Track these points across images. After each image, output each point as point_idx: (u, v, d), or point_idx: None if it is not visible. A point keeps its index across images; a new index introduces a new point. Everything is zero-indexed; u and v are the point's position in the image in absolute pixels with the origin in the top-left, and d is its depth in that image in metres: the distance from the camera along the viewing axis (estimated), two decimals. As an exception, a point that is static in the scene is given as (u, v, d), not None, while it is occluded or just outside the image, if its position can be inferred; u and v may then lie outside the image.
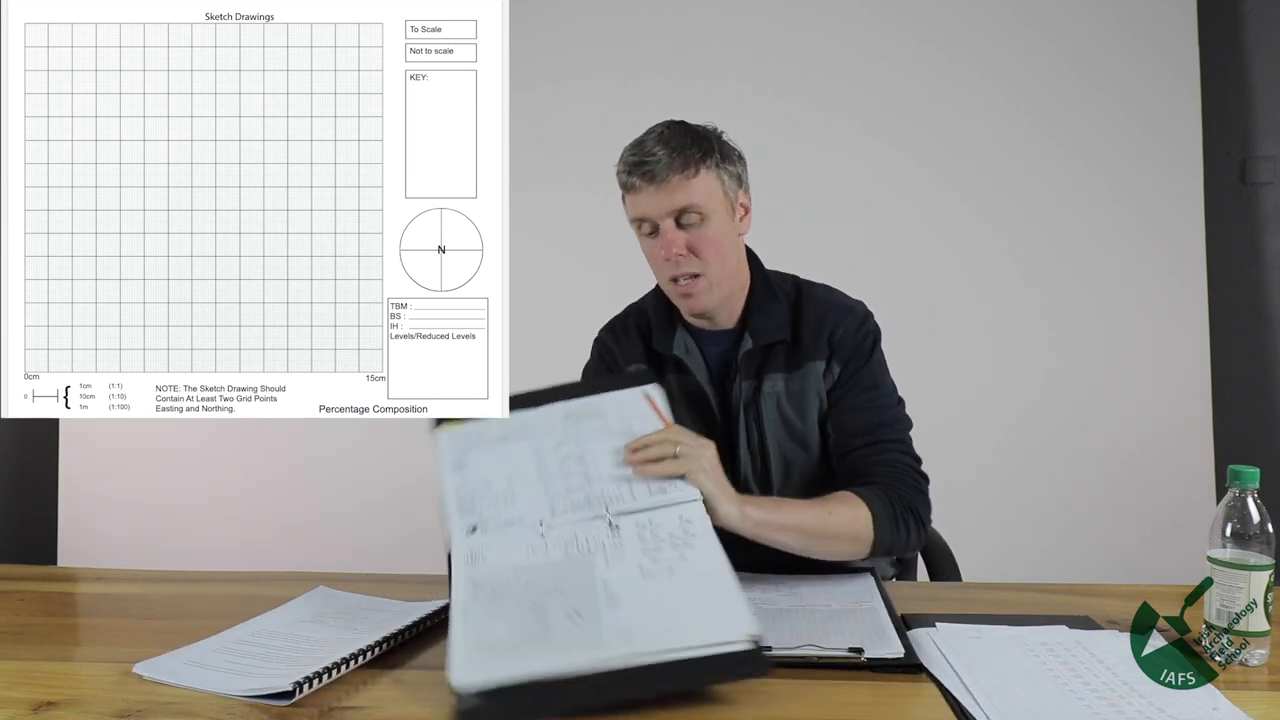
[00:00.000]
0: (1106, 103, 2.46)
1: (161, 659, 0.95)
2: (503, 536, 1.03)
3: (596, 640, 0.88)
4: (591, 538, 1.02)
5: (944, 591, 1.25)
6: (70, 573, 1.49)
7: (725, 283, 1.31)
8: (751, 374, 1.32)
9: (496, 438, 1.14)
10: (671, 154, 1.24)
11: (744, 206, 1.32)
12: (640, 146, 1.27)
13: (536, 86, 2.52)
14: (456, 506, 1.07)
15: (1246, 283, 2.52)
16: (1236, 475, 0.96)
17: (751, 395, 1.31)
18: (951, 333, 2.46)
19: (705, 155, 1.26)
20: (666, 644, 0.86)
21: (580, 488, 1.08)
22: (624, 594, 0.94)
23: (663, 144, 1.25)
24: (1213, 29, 2.49)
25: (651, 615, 0.91)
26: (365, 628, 1.03)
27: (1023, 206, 2.48)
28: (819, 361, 1.31)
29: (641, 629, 0.89)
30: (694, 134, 1.28)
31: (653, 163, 1.24)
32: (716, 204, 1.27)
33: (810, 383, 1.31)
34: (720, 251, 1.28)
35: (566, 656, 0.86)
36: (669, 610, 0.92)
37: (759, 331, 1.31)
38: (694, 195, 1.25)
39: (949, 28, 2.49)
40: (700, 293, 1.29)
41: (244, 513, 2.56)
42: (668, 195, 1.24)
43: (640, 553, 0.99)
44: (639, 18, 2.54)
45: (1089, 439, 2.43)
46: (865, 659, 0.93)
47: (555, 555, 1.00)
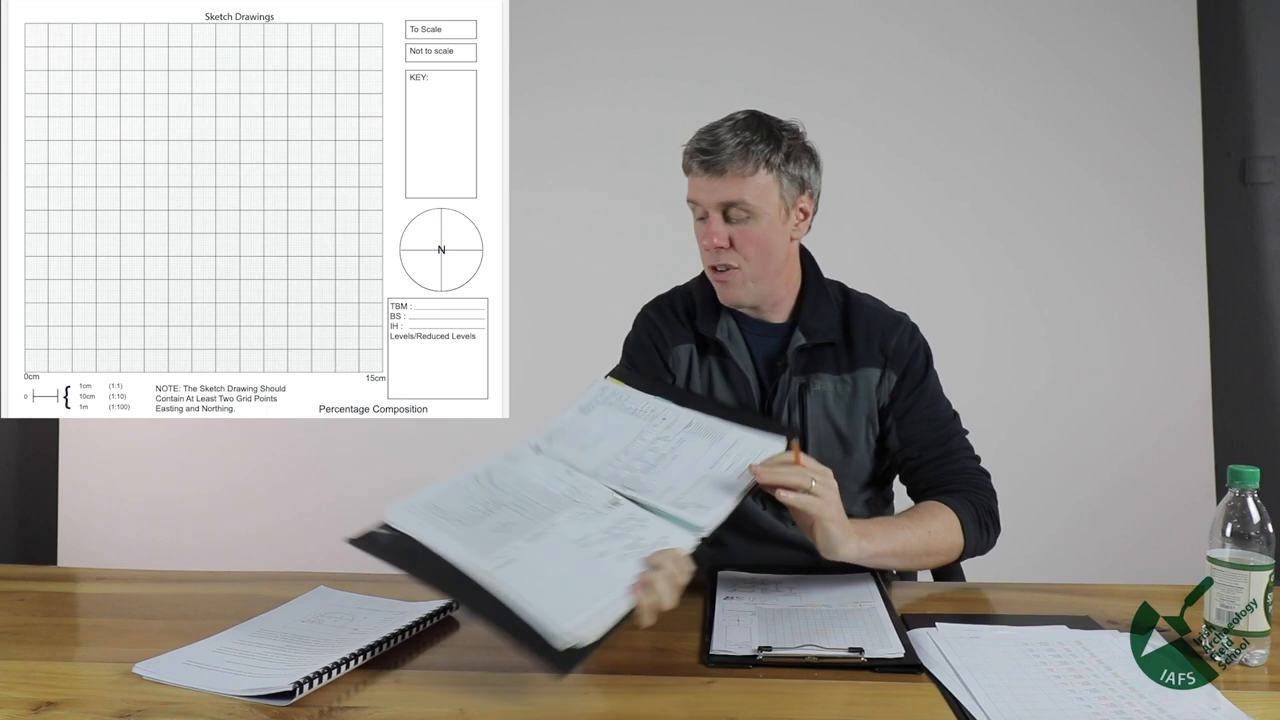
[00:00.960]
0: (1106, 103, 2.46)
1: (161, 659, 0.95)
2: (544, 462, 1.12)
3: (488, 553, 0.96)
4: (590, 496, 1.06)
5: (944, 591, 1.25)
6: (70, 573, 1.49)
7: (766, 280, 1.32)
8: (800, 370, 1.33)
9: (630, 409, 1.21)
10: (735, 147, 1.25)
11: (803, 211, 1.33)
12: (711, 131, 1.28)
13: (536, 87, 2.53)
14: (547, 431, 1.17)
15: (1246, 283, 2.52)
16: (1236, 475, 0.96)
17: (799, 391, 1.33)
18: (951, 333, 2.45)
19: (769, 155, 1.26)
20: (519, 594, 0.92)
21: (634, 469, 1.11)
22: (548, 543, 0.99)
23: (733, 134, 1.26)
24: (1213, 29, 2.49)
25: (542, 569, 0.96)
26: (365, 628, 1.03)
27: (1023, 207, 2.48)
28: (873, 369, 1.33)
29: (522, 570, 0.95)
30: (767, 130, 1.28)
31: (714, 152, 1.25)
32: (769, 204, 1.27)
33: (862, 388, 1.33)
34: (763, 250, 1.29)
35: (458, 545, 0.97)
36: (555, 576, 0.95)
37: (811, 330, 1.33)
38: (746, 192, 1.26)
39: (949, 29, 2.49)
40: (735, 285, 1.31)
41: (244, 513, 2.56)
42: (720, 187, 1.26)
43: (601, 530, 1.01)
44: (639, 19, 2.54)
45: (1089, 439, 2.44)
46: (865, 659, 0.93)
47: (554, 490, 1.06)
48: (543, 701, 0.89)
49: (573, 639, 0.88)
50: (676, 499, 1.06)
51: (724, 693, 0.89)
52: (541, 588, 0.94)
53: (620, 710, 0.87)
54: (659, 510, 1.05)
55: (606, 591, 0.93)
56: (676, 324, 1.41)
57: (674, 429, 1.17)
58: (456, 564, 0.97)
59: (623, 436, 1.16)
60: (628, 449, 1.15)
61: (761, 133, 1.28)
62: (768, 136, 1.28)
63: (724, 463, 1.10)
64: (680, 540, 1.00)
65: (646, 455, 1.13)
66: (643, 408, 1.21)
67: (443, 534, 1.00)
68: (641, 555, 0.97)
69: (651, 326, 1.42)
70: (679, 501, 1.05)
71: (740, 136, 1.26)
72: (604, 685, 0.91)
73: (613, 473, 1.11)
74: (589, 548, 0.99)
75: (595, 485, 1.09)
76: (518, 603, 0.92)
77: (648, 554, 0.96)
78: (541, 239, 2.48)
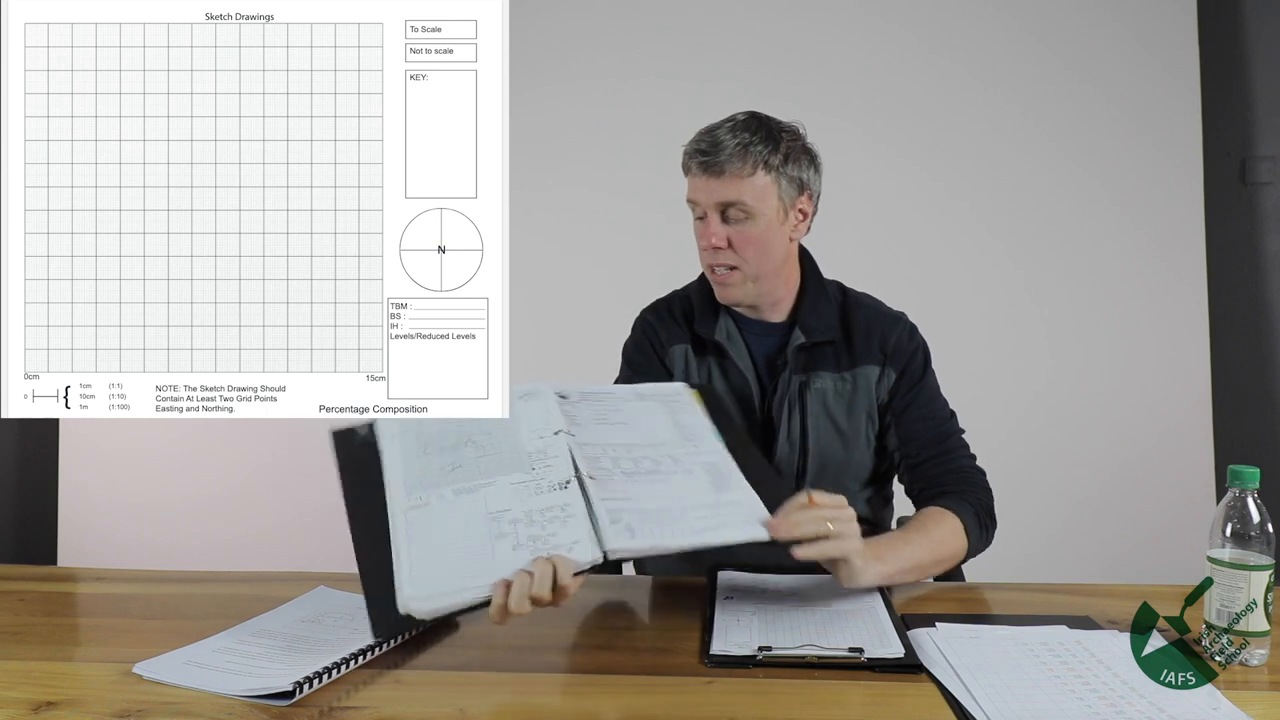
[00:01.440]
0: (1106, 103, 2.46)
1: (161, 659, 0.95)
2: (549, 410, 1.14)
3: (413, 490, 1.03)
4: (549, 468, 1.06)
5: (944, 591, 1.25)
6: (70, 573, 1.49)
7: (764, 280, 1.33)
8: (800, 368, 1.33)
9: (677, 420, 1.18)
10: (734, 148, 1.26)
11: (802, 212, 1.34)
12: (711, 133, 1.29)
13: (536, 87, 2.53)
14: (588, 388, 1.20)
15: (1246, 283, 2.52)
16: (1236, 475, 0.96)
17: (799, 390, 1.33)
18: (951, 333, 2.45)
19: (768, 156, 1.27)
20: (402, 541, 0.97)
21: (620, 465, 1.09)
22: (467, 502, 1.01)
23: (732, 135, 1.27)
24: (1213, 29, 2.49)
25: (442, 527, 0.99)
26: (365, 628, 1.03)
27: (1023, 207, 2.48)
28: (873, 367, 1.34)
29: (424, 519, 1.00)
30: (766, 131, 1.29)
31: (713, 153, 1.26)
32: (767, 205, 1.28)
33: (862, 386, 1.34)
34: (761, 250, 1.30)
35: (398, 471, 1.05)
36: (445, 541, 0.98)
37: (810, 329, 1.34)
38: (744, 193, 1.26)
39: (949, 29, 2.49)
40: (733, 284, 1.32)
41: (244, 513, 2.56)
42: (719, 187, 1.27)
43: (524, 510, 1.01)
44: (639, 19, 2.54)
45: (1089, 439, 2.44)
46: (865, 659, 0.93)
47: (525, 445, 1.08)
48: (543, 701, 0.89)
49: (409, 608, 0.91)
50: (617, 511, 1.01)
51: (724, 693, 0.89)
52: (424, 545, 0.97)
53: (620, 710, 0.87)
54: (593, 513, 1.00)
55: (475, 576, 0.94)
56: (673, 325, 1.41)
57: (693, 457, 1.12)
58: (386, 490, 1.03)
59: (642, 435, 1.14)
60: (634, 447, 1.12)
61: (761, 134, 1.28)
62: (767, 138, 1.28)
63: (701, 512, 1.03)
64: (583, 552, 0.96)
65: (644, 462, 1.10)
66: (690, 426, 1.17)
67: (397, 455, 1.06)
68: (538, 552, 0.95)
69: (649, 328, 1.43)
70: (617, 514, 1.00)
71: (739, 138, 1.26)
72: (604, 685, 0.91)
73: (598, 455, 1.08)
74: (496, 523, 0.99)
75: (566, 457, 1.06)
76: (396, 549, 0.96)
77: (543, 552, 0.95)
78: (541, 239, 2.48)
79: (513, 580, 0.92)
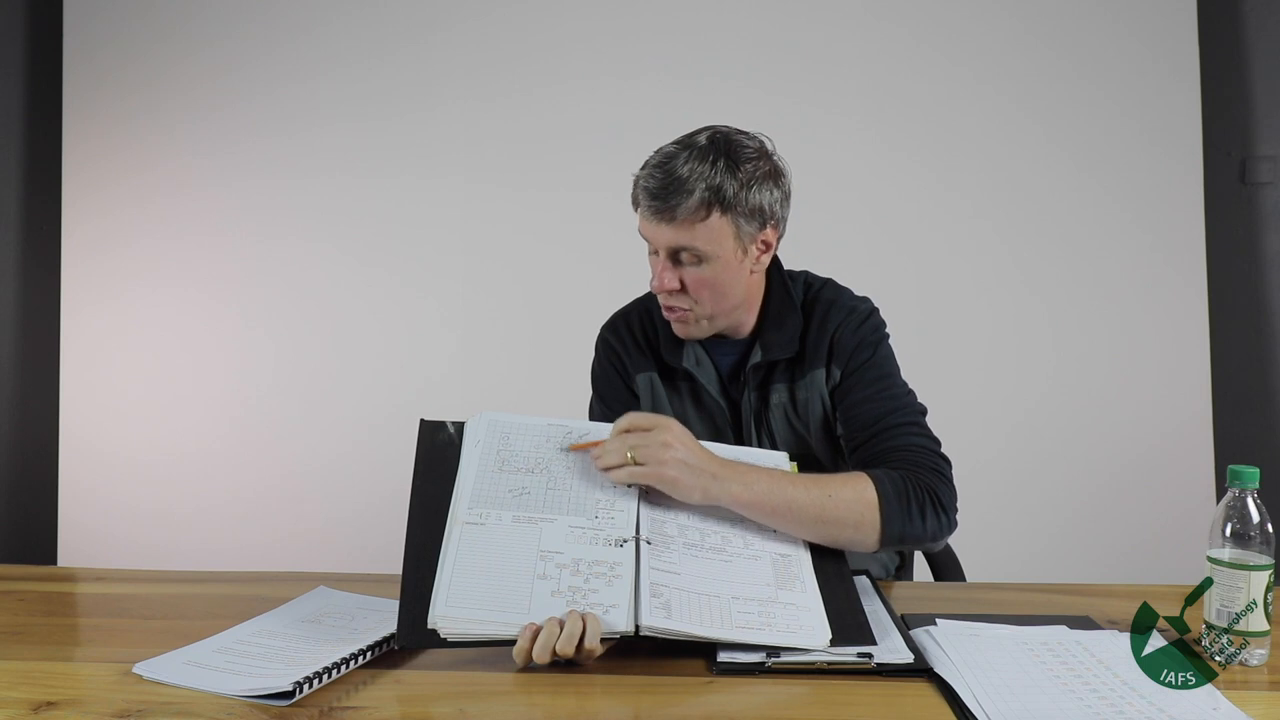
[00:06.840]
0: (1106, 103, 2.46)
1: (161, 659, 0.95)
2: None
3: (475, 505, 1.03)
4: (612, 522, 1.04)
5: (944, 591, 1.25)
6: (70, 573, 1.49)
7: (721, 317, 1.28)
8: (758, 385, 1.31)
9: None
10: (687, 193, 1.17)
11: (764, 244, 1.25)
12: (663, 166, 1.19)
13: (537, 87, 2.52)
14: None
15: (1246, 283, 2.52)
16: (1236, 475, 0.96)
17: (759, 407, 1.31)
18: (951, 333, 2.46)
19: (725, 190, 1.17)
20: (450, 555, 0.98)
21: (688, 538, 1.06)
22: (521, 533, 1.01)
23: (687, 169, 1.17)
24: (1213, 29, 2.48)
25: (490, 551, 0.99)
26: (365, 628, 1.03)
27: (1023, 206, 2.48)
28: (819, 370, 1.29)
29: (476, 539, 1.00)
30: (726, 158, 1.19)
31: (663, 196, 1.17)
32: (721, 248, 1.20)
33: (814, 391, 1.30)
34: (716, 291, 1.24)
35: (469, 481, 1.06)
36: (490, 566, 0.98)
37: (770, 346, 1.30)
38: (697, 239, 1.19)
39: (949, 28, 2.49)
40: (689, 324, 1.28)
41: (244, 513, 2.56)
42: (670, 233, 1.20)
43: (573, 558, 1.00)
44: (639, 19, 2.54)
45: (1089, 439, 2.43)
46: (875, 664, 0.93)
47: (594, 491, 1.07)
48: (543, 701, 0.89)
49: (436, 624, 0.92)
50: (660, 585, 0.98)
51: (724, 693, 0.89)
52: (469, 564, 0.97)
53: (621, 711, 0.87)
54: (639, 580, 0.98)
55: (507, 611, 0.94)
56: (637, 352, 1.37)
57: (766, 543, 1.08)
58: (453, 496, 1.03)
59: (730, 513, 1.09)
60: (707, 518, 1.08)
61: (720, 164, 1.18)
62: (726, 168, 1.18)
63: (749, 607, 0.98)
64: (618, 618, 0.94)
65: (711, 537, 1.06)
66: None
67: (473, 464, 1.06)
68: (575, 604, 0.95)
69: (612, 353, 1.39)
70: (659, 589, 0.97)
71: (694, 170, 1.17)
72: (605, 686, 0.91)
73: (665, 520, 1.06)
74: (544, 563, 0.99)
75: (631, 514, 1.05)
76: (443, 559, 0.97)
77: (581, 606, 0.94)
78: (541, 239, 2.48)
79: (542, 628, 0.92)
